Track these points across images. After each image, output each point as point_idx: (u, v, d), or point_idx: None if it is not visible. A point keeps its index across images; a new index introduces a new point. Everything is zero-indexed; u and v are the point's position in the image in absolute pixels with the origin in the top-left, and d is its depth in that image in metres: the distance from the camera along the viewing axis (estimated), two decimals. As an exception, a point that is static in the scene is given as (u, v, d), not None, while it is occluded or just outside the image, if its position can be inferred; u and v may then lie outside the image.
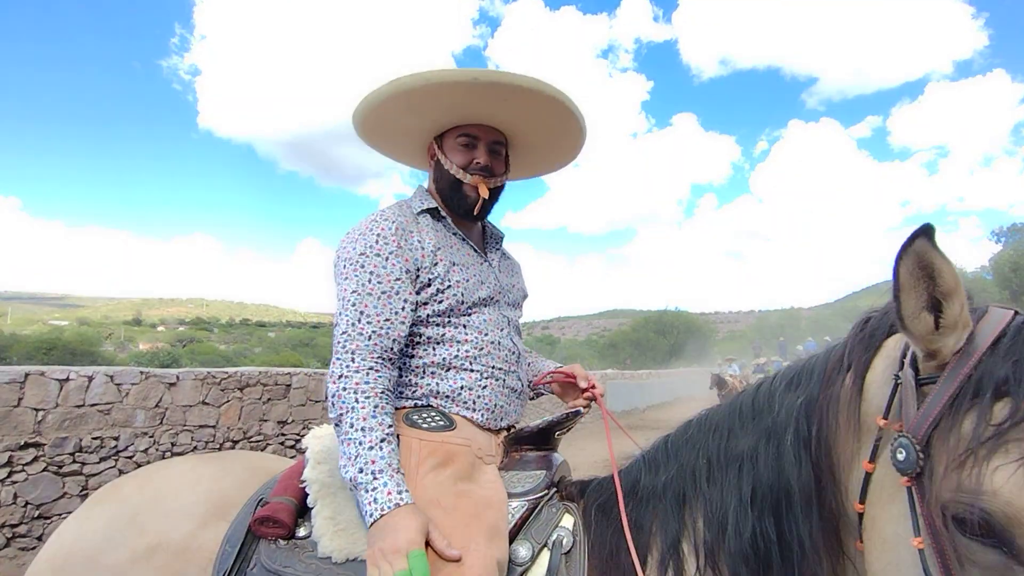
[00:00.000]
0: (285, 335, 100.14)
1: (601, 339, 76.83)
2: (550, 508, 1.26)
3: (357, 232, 1.36)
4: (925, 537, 0.75)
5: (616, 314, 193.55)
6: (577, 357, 56.85)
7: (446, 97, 1.38)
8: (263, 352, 57.93)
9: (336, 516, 1.27)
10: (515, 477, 1.31)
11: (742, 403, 1.15)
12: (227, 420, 6.53)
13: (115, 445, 5.58)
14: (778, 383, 1.10)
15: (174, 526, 1.29)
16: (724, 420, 1.15)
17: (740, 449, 1.07)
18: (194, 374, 6.36)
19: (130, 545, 1.26)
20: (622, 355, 48.29)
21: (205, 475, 1.41)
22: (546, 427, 1.39)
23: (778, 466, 1.00)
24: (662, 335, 50.14)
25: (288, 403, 7.17)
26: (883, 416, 0.86)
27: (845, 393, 0.94)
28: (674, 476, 1.17)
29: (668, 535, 1.11)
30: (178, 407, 6.11)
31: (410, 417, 1.32)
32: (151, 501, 1.33)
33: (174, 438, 6.02)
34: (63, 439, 5.24)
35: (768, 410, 1.07)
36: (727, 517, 1.03)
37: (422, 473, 1.21)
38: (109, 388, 5.62)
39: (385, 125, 1.53)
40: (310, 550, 1.24)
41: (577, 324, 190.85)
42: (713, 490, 1.08)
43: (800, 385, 1.05)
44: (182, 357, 40.75)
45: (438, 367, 1.37)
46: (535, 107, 1.43)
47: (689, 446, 1.19)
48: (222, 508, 1.33)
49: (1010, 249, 31.94)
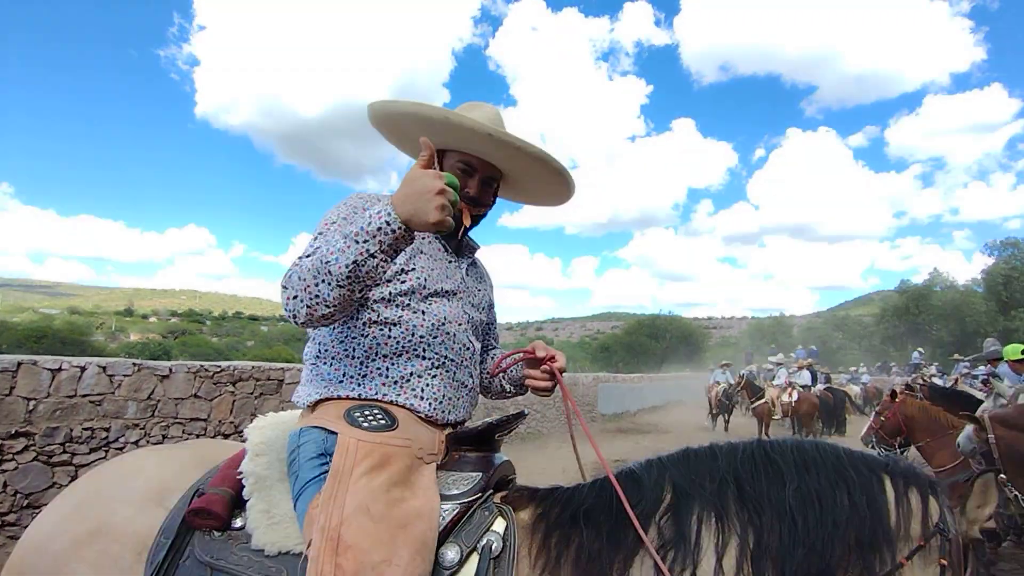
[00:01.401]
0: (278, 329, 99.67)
1: (594, 341, 76.90)
2: (483, 511, 1.28)
3: (340, 203, 1.46)
4: None
5: (610, 317, 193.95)
6: (570, 359, 56.65)
7: (460, 134, 1.46)
8: (255, 346, 57.68)
9: (271, 509, 1.28)
10: (451, 478, 1.32)
11: (788, 445, 1.30)
12: (219, 414, 6.53)
13: (106, 436, 5.58)
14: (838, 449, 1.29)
15: (113, 511, 1.33)
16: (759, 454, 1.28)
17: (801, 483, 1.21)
18: (187, 367, 6.36)
19: (72, 531, 1.30)
20: (615, 358, 48.38)
21: (149, 463, 1.45)
22: (486, 428, 1.41)
23: (843, 510, 1.18)
24: (655, 339, 50.23)
25: (280, 398, 7.18)
26: (924, 539, 1.18)
27: (913, 505, 1.21)
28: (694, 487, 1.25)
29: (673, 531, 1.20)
30: (170, 399, 6.11)
31: (351, 414, 1.31)
32: (95, 491, 1.38)
33: (165, 430, 6.02)
34: (54, 429, 5.23)
35: (830, 467, 1.24)
36: (788, 530, 1.16)
37: (355, 476, 1.19)
38: (101, 379, 5.61)
39: (396, 126, 1.61)
40: (244, 542, 1.26)
41: (571, 326, 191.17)
42: (760, 502, 1.20)
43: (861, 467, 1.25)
44: (173, 349, 40.56)
45: (390, 352, 1.38)
46: (534, 167, 1.55)
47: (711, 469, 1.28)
48: (160, 494, 1.36)
49: (1001, 263, 32.19)
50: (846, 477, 1.22)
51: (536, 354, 1.53)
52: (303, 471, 1.26)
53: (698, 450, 1.35)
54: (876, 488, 1.21)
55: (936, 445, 4.89)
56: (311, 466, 1.26)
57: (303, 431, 1.34)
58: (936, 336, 31.78)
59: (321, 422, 1.32)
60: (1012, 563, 5.04)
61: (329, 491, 1.17)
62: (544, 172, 1.58)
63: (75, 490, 1.42)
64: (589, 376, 17.30)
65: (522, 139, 1.46)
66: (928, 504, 1.21)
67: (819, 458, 1.25)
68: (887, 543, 1.17)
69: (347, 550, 1.09)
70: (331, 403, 1.35)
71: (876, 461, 1.27)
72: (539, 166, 1.55)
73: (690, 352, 47.93)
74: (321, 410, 1.36)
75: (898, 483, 1.22)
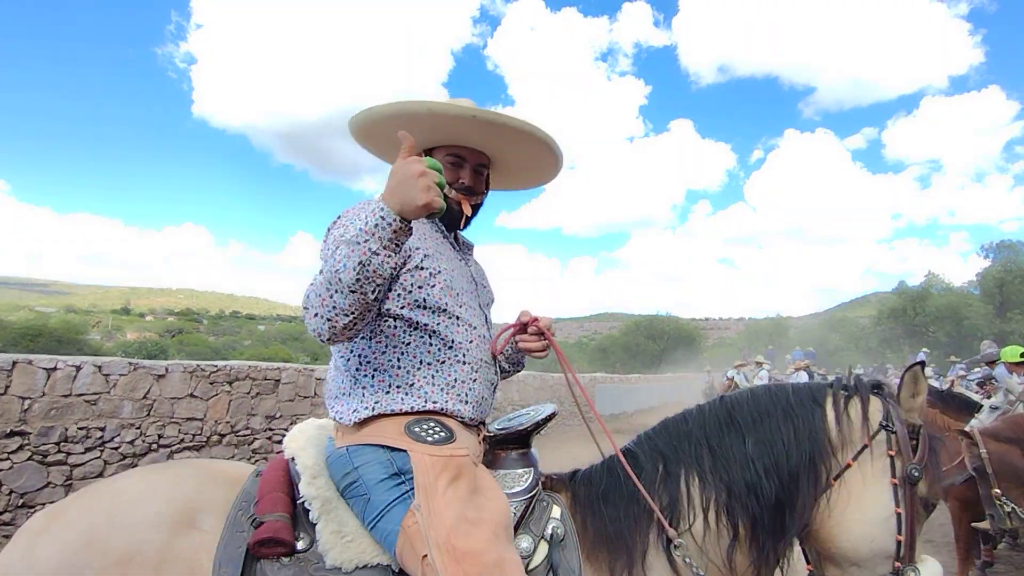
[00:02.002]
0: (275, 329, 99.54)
1: (592, 342, 76.98)
2: (540, 503, 1.42)
3: (352, 212, 1.44)
4: (904, 509, 1.38)
5: (607, 317, 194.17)
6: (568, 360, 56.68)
7: (444, 125, 1.50)
8: (252, 345, 57.62)
9: (342, 528, 1.30)
10: (508, 476, 1.43)
11: (743, 398, 1.53)
12: (215, 414, 6.52)
13: (101, 436, 5.56)
14: (786, 390, 1.52)
15: (144, 538, 1.24)
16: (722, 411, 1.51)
17: (758, 432, 1.44)
18: (183, 366, 6.35)
19: (96, 565, 1.21)
20: (612, 359, 48.44)
21: (159, 484, 1.36)
22: (531, 428, 1.51)
23: (790, 450, 1.42)
24: (652, 340, 50.33)
25: (277, 398, 7.17)
26: (870, 438, 1.43)
27: (852, 413, 1.46)
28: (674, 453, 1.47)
29: (668, 495, 1.41)
30: (166, 399, 6.10)
31: (412, 430, 1.34)
32: (106, 518, 1.27)
33: (161, 430, 6.01)
34: (49, 428, 5.22)
35: (778, 410, 1.47)
36: (749, 482, 1.39)
37: (441, 489, 1.25)
38: (97, 378, 5.60)
39: (381, 134, 1.61)
40: (315, 562, 1.27)
41: (568, 326, 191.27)
42: (724, 463, 1.42)
43: (803, 396, 1.50)
44: (170, 348, 40.47)
45: (434, 359, 1.42)
46: (520, 142, 1.58)
47: (687, 431, 1.50)
48: (187, 515, 1.30)
49: (998, 265, 32.32)
50: (792, 415, 1.45)
51: (521, 320, 1.64)
52: (376, 492, 1.29)
53: (674, 418, 1.57)
54: (818, 415, 1.45)
55: (932, 447, 4.90)
56: (386, 487, 1.29)
57: (357, 450, 1.35)
58: (933, 338, 31.86)
59: (381, 440, 1.34)
60: (1007, 564, 5.06)
61: (426, 507, 1.23)
62: (531, 146, 1.60)
63: (75, 518, 1.29)
64: (587, 376, 17.34)
65: (504, 114, 1.49)
66: (868, 409, 1.46)
67: (771, 405, 1.48)
68: (831, 455, 1.42)
69: (464, 556, 1.16)
70: (385, 420, 1.37)
71: (821, 388, 1.51)
72: (525, 141, 1.57)
73: (687, 353, 47.98)
74: (375, 427, 1.36)
75: (839, 401, 1.47)
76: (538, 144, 1.59)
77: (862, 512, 1.39)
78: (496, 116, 1.48)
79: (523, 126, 1.51)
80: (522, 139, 1.56)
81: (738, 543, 1.38)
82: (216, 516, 1.32)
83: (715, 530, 1.38)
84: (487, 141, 1.57)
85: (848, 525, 1.39)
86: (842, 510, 1.39)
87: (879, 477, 1.41)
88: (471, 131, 1.52)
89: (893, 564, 1.36)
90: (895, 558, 1.36)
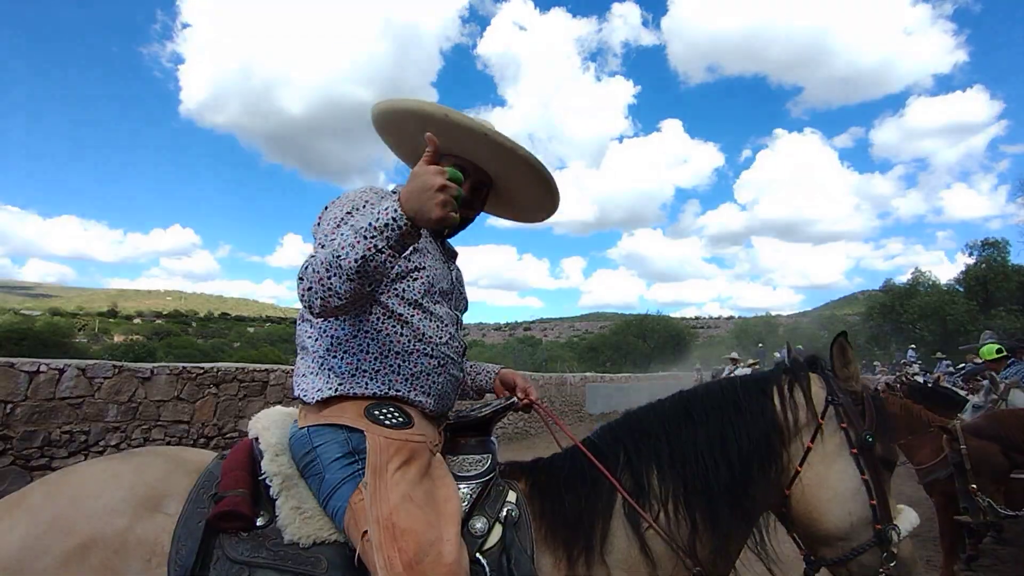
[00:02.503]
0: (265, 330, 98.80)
1: (582, 341, 77.11)
2: (496, 487, 1.46)
3: (345, 198, 1.48)
4: (869, 474, 1.45)
5: (597, 317, 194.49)
6: (558, 359, 56.87)
7: (456, 135, 1.52)
8: (242, 347, 57.18)
9: (302, 505, 1.34)
10: (465, 461, 1.48)
11: (698, 392, 1.61)
12: (202, 416, 6.46)
13: (85, 440, 5.49)
14: (735, 383, 1.59)
15: (106, 523, 1.27)
16: (678, 406, 1.58)
17: (710, 426, 1.50)
18: (169, 369, 6.28)
19: (58, 548, 1.23)
20: (602, 358, 48.54)
21: (124, 471, 1.38)
22: (489, 416, 1.57)
23: (740, 441, 1.47)
24: (642, 339, 50.50)
25: (265, 400, 7.11)
26: (820, 417, 1.51)
27: (797, 398, 1.54)
28: (635, 446, 1.52)
29: (632, 487, 1.46)
30: (152, 402, 6.03)
31: (371, 412, 1.39)
32: (70, 503, 1.30)
33: (146, 433, 5.94)
34: (32, 432, 5.14)
35: (728, 403, 1.53)
36: (701, 474, 1.45)
37: (391, 471, 1.30)
38: (81, 381, 5.53)
39: (396, 127, 1.66)
40: (274, 538, 1.30)
41: (559, 326, 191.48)
42: (679, 457, 1.48)
43: (751, 387, 1.57)
44: (158, 350, 40.09)
45: (403, 350, 1.46)
46: (523, 174, 1.62)
47: (646, 427, 1.56)
48: (151, 500, 1.32)
49: (981, 263, 32.68)
50: (742, 407, 1.52)
51: (519, 400, 1.73)
52: (330, 470, 1.33)
53: (636, 412, 1.63)
54: (766, 406, 1.52)
55: (917, 442, 4.95)
56: (340, 465, 1.33)
57: (317, 430, 1.39)
58: (919, 335, 32.16)
59: (340, 420, 1.38)
60: (992, 558, 5.12)
61: (373, 486, 1.27)
62: (531, 180, 1.64)
63: (38, 504, 1.31)
64: (577, 376, 17.35)
65: (515, 142, 1.53)
66: (811, 390, 1.54)
67: (722, 398, 1.55)
68: (790, 441, 1.49)
69: (403, 534, 1.21)
70: (347, 402, 1.41)
71: (767, 378, 1.58)
72: (527, 172, 1.61)
73: (677, 352, 48.18)
74: (336, 408, 1.40)
75: (783, 388, 1.54)
76: (539, 181, 1.64)
77: (833, 489, 1.46)
78: (507, 140, 1.52)
79: (529, 158, 1.56)
80: (525, 170, 1.60)
81: (698, 534, 1.43)
82: (180, 501, 1.34)
83: (675, 521, 1.43)
84: (493, 162, 1.60)
85: (825, 505, 1.45)
86: (816, 492, 1.46)
87: (839, 451, 1.48)
88: (480, 148, 1.55)
89: (874, 527, 1.43)
90: (874, 521, 1.43)
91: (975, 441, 3.69)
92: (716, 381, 1.68)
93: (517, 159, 1.56)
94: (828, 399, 1.52)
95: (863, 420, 1.50)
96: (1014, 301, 30.16)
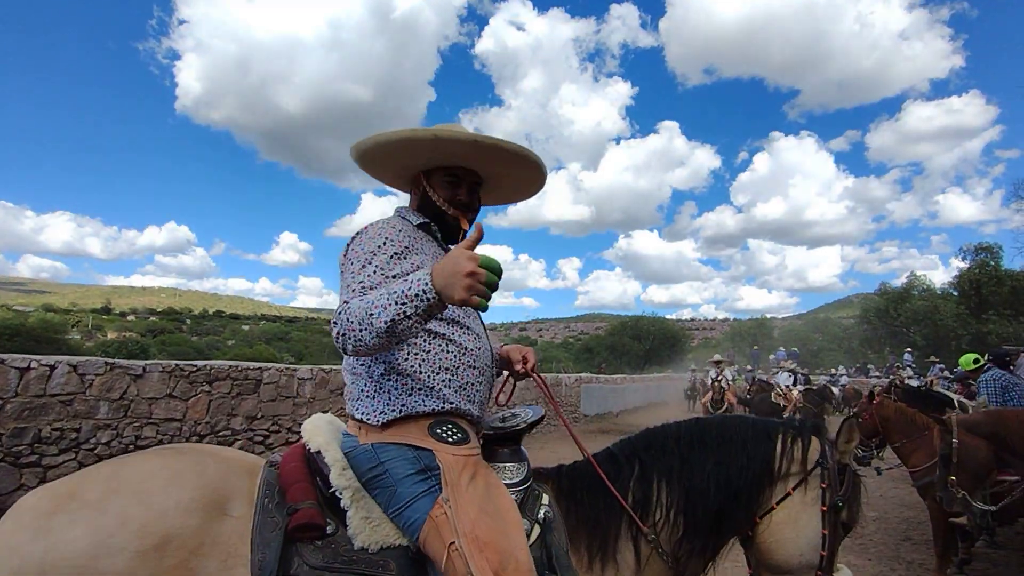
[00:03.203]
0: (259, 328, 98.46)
1: (577, 342, 77.15)
2: (532, 492, 1.63)
3: (370, 236, 1.58)
4: (829, 531, 1.66)
5: (593, 317, 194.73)
6: (553, 359, 56.85)
7: (444, 147, 1.65)
8: (236, 345, 56.99)
9: (370, 515, 1.47)
10: (506, 469, 1.64)
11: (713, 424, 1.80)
12: (194, 414, 6.41)
13: (76, 437, 5.45)
14: (748, 423, 1.81)
15: (182, 522, 1.30)
16: (695, 432, 1.77)
17: (719, 455, 1.71)
18: (161, 366, 6.24)
19: (133, 547, 1.24)
20: (597, 359, 48.53)
21: (183, 469, 1.40)
22: (524, 429, 1.74)
23: (740, 473, 1.69)
24: (637, 340, 50.51)
25: (258, 398, 7.07)
26: (808, 472, 1.71)
27: (795, 452, 1.74)
28: (651, 460, 1.72)
29: (642, 494, 1.67)
30: (144, 399, 5.98)
31: (435, 431, 1.53)
32: (137, 500, 1.30)
33: (138, 431, 5.90)
34: (22, 429, 5.09)
35: (738, 439, 1.74)
36: (702, 492, 1.66)
37: (463, 485, 1.45)
38: (72, 378, 5.48)
39: (384, 159, 1.76)
40: (345, 544, 1.43)
41: (555, 327, 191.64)
42: (688, 474, 1.68)
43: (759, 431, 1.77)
44: (152, 348, 39.88)
45: (451, 365, 1.59)
46: (512, 163, 1.75)
47: (663, 444, 1.75)
48: (218, 502, 1.38)
49: (975, 267, 32.81)
50: (747, 444, 1.73)
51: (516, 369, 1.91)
52: (403, 485, 1.46)
53: (655, 429, 1.83)
54: (767, 447, 1.73)
55: (911, 446, 4.97)
56: (413, 480, 1.46)
57: (383, 447, 1.51)
58: (912, 339, 32.28)
59: (406, 440, 1.51)
60: (985, 562, 5.13)
61: (453, 501, 1.41)
62: (521, 166, 1.77)
63: (99, 500, 1.30)
64: (572, 377, 17.33)
65: (502, 140, 1.65)
66: (809, 447, 1.74)
67: (733, 432, 1.76)
68: (776, 483, 1.71)
69: (486, 546, 1.35)
70: (410, 421, 1.53)
71: (774, 426, 1.79)
72: (517, 162, 1.73)
73: (672, 353, 48.24)
74: (399, 427, 1.53)
75: (787, 438, 1.75)
76: (528, 164, 1.76)
77: (797, 532, 1.68)
78: (496, 141, 1.65)
79: (519, 150, 1.68)
80: (514, 160, 1.73)
81: (686, 538, 1.65)
82: (243, 503, 1.41)
83: (671, 525, 1.65)
84: (482, 162, 1.73)
85: (785, 541, 1.68)
86: (781, 528, 1.69)
87: (812, 504, 1.69)
88: (469, 153, 1.68)
89: (816, 574, 1.67)
90: (818, 568, 1.67)
91: (967, 436, 3.72)
92: (735, 416, 1.89)
93: (504, 154, 1.68)
94: (819, 461, 1.72)
95: (840, 488, 1.70)
96: (1007, 306, 30.30)
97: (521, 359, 1.89)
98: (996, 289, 31.09)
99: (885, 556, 5.28)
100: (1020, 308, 30.37)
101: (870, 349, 37.70)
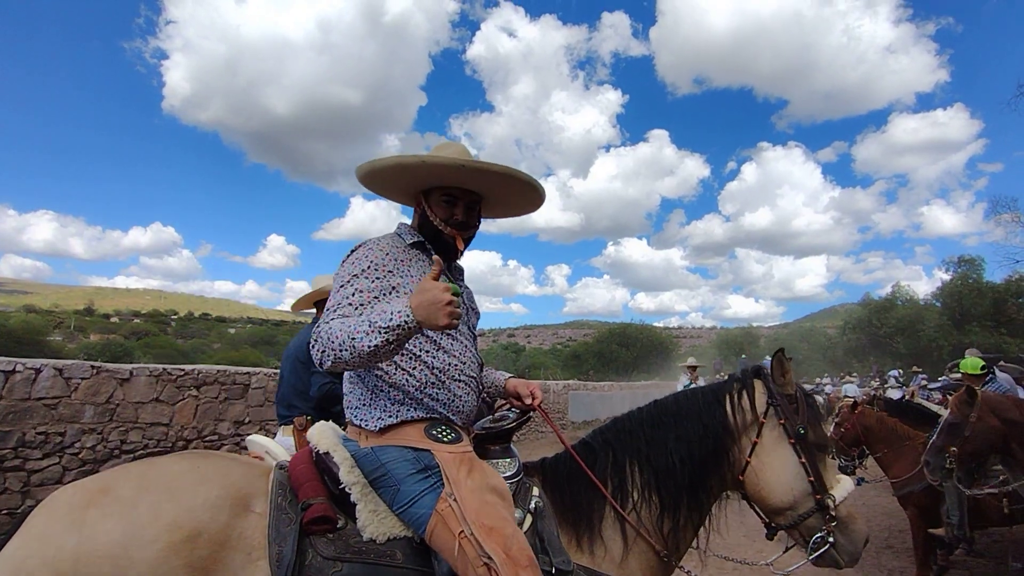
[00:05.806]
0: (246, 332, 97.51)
1: (565, 349, 77.25)
2: (523, 484, 1.76)
3: (361, 256, 1.69)
4: (806, 458, 1.81)
5: (581, 324, 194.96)
6: (541, 366, 56.86)
7: (438, 171, 1.75)
8: (222, 348, 56.41)
9: (377, 508, 1.59)
10: (498, 465, 1.77)
11: (670, 402, 1.96)
12: (181, 419, 6.37)
13: (61, 441, 5.40)
14: (697, 393, 1.97)
15: (211, 518, 1.41)
16: (655, 413, 1.93)
17: (677, 430, 1.87)
18: (148, 370, 6.20)
19: (164, 539, 1.33)
20: (585, 366, 48.63)
21: (209, 470, 1.53)
22: (513, 427, 1.87)
23: (701, 442, 1.85)
24: (625, 347, 50.70)
25: (246, 403, 7.04)
26: (763, 417, 1.87)
27: (744, 404, 1.90)
28: (620, 445, 1.87)
29: (618, 478, 1.81)
30: (130, 404, 5.94)
31: (430, 432, 1.65)
32: (168, 497, 1.41)
33: (123, 436, 5.85)
34: (6, 433, 5.04)
35: (693, 411, 1.90)
36: (669, 468, 1.81)
37: (462, 479, 1.56)
38: (57, 382, 5.43)
39: (383, 181, 1.87)
40: (355, 536, 1.55)
41: (543, 333, 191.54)
42: (654, 453, 1.84)
43: (709, 398, 1.93)
44: (136, 350, 39.40)
45: (437, 379, 1.70)
46: (505, 183, 1.82)
47: (630, 428, 1.92)
48: (242, 500, 1.50)
49: (957, 279, 33.33)
50: (701, 412, 1.89)
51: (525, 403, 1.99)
52: (406, 483, 1.58)
53: (622, 416, 1.99)
54: (719, 411, 1.88)
55: (893, 455, 5.03)
56: (415, 479, 1.58)
57: (382, 449, 1.63)
58: (894, 349, 32.70)
59: (404, 442, 1.63)
60: (963, 570, 5.22)
61: (456, 494, 1.53)
62: (515, 185, 1.83)
63: (132, 495, 1.40)
64: (560, 383, 17.38)
65: (488, 163, 1.72)
66: (755, 394, 1.90)
67: (688, 406, 1.92)
68: (740, 438, 1.86)
69: (491, 531, 1.46)
70: (406, 426, 1.65)
71: (721, 388, 1.94)
72: (509, 181, 1.80)
73: (659, 361, 48.43)
74: (396, 432, 1.65)
75: (733, 395, 1.90)
76: (522, 184, 1.82)
77: (777, 473, 1.83)
78: (480, 164, 1.72)
79: (507, 171, 1.74)
80: (507, 180, 1.79)
81: (664, 513, 1.79)
82: (263, 501, 1.53)
83: (648, 503, 1.79)
84: (476, 183, 1.80)
85: (772, 485, 1.83)
86: (765, 476, 1.83)
87: (779, 443, 1.84)
88: (461, 175, 1.75)
89: (814, 497, 1.80)
90: (814, 493, 1.80)
91: (987, 414, 3.59)
92: (684, 391, 2.02)
93: (495, 176, 1.75)
94: (768, 401, 1.87)
95: (797, 416, 1.85)
96: (988, 317, 30.80)
97: (529, 394, 1.98)
98: (978, 301, 31.60)
99: (866, 564, 5.34)
100: (1001, 319, 30.86)
101: (854, 358, 38.11)
